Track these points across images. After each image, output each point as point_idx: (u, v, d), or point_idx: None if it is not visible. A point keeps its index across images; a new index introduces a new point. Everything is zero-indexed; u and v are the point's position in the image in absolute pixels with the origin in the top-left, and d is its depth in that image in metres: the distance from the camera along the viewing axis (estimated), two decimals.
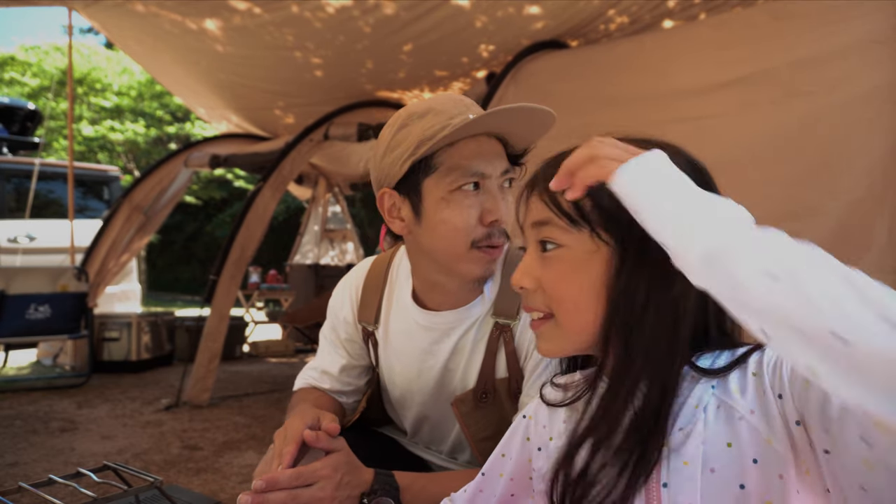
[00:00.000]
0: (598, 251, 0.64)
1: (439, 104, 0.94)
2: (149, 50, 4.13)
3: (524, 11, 2.81)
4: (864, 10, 1.86)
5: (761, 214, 2.03)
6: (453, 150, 0.91)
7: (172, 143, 11.87)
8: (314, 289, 6.13)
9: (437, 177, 0.91)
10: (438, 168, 0.91)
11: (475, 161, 0.91)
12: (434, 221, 0.93)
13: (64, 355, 4.53)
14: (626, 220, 0.59)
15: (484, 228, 0.92)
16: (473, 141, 0.92)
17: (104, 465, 1.22)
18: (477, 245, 0.92)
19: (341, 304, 1.15)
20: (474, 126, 0.89)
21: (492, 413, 1.00)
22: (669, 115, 2.15)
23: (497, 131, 0.94)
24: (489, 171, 0.92)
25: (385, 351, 1.11)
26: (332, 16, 3.10)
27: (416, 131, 0.92)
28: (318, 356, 1.18)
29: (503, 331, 0.99)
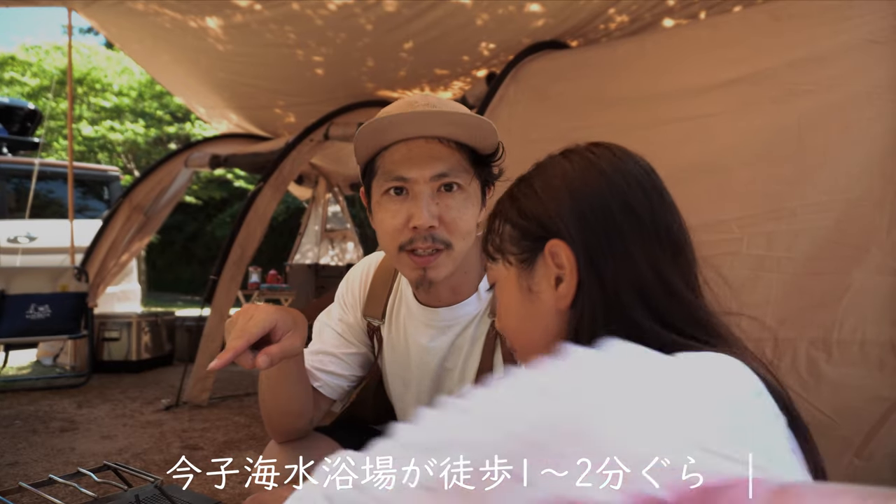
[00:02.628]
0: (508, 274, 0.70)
1: (391, 107, 0.96)
2: (149, 49, 4.13)
3: (525, 9, 2.81)
4: (864, 10, 1.86)
5: (760, 213, 2.04)
6: (386, 153, 0.93)
7: (172, 143, 11.87)
8: (314, 289, 6.14)
9: (376, 180, 0.95)
10: (376, 172, 0.94)
11: (399, 166, 0.91)
12: (374, 223, 0.97)
13: (64, 355, 4.53)
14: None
15: (409, 232, 0.92)
16: (405, 145, 0.92)
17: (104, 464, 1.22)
18: (404, 249, 0.93)
19: (350, 294, 1.15)
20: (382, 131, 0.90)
21: None
22: (669, 114, 2.15)
23: (414, 135, 0.92)
24: (413, 176, 0.91)
25: (388, 347, 1.11)
26: (333, 13, 3.10)
27: (359, 131, 0.94)
28: (311, 344, 1.16)
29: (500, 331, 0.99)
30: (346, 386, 1.14)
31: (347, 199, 6.46)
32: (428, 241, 0.92)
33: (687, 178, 2.06)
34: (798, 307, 1.75)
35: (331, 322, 1.14)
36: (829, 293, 1.72)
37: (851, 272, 1.70)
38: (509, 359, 0.99)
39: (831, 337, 1.68)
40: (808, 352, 1.70)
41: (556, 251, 0.65)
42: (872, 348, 1.63)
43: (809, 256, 1.77)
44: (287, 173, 3.87)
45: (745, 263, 1.85)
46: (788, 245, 1.80)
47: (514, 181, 0.74)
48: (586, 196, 0.66)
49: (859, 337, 1.65)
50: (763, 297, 1.80)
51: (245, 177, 11.63)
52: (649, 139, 2.18)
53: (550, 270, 0.66)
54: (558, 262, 0.65)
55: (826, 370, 1.67)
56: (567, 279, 0.64)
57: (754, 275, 1.83)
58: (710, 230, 1.94)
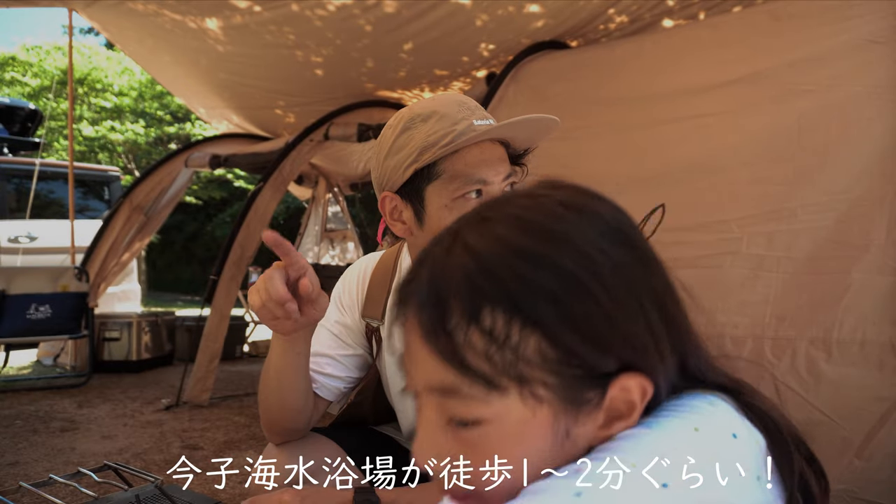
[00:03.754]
0: (534, 416, 0.46)
1: (443, 107, 0.94)
2: (149, 50, 4.13)
3: (524, 10, 2.81)
4: (864, 10, 1.86)
5: (760, 213, 2.04)
6: (456, 157, 0.92)
7: (173, 143, 11.87)
8: None
9: (440, 184, 0.92)
10: (441, 175, 0.92)
11: (478, 169, 0.92)
12: (437, 228, 0.93)
13: (64, 355, 4.54)
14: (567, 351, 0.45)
15: None
16: (476, 147, 0.93)
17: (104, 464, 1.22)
18: None
19: (347, 296, 1.13)
20: (479, 136, 0.90)
21: None
22: (669, 114, 2.15)
23: (500, 137, 0.95)
24: (491, 178, 0.93)
25: (387, 347, 1.10)
26: (332, 14, 3.10)
27: (418, 136, 0.92)
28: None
29: None
30: (343, 388, 1.13)
31: (348, 199, 6.46)
32: None
33: (687, 177, 2.06)
34: (798, 307, 1.75)
35: (327, 324, 1.13)
36: (829, 293, 1.71)
37: (851, 272, 1.70)
38: None
39: (831, 337, 1.68)
40: (808, 351, 1.70)
41: (630, 386, 0.47)
42: (872, 348, 1.63)
43: (809, 256, 1.77)
44: (287, 173, 3.87)
45: (744, 263, 1.85)
46: (788, 245, 1.80)
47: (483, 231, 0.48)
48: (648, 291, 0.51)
49: (859, 337, 1.65)
50: (763, 297, 1.80)
51: (245, 177, 11.63)
52: (649, 139, 2.18)
53: (612, 405, 0.48)
54: (629, 399, 0.48)
55: (826, 370, 1.67)
56: (632, 416, 0.48)
57: (754, 274, 1.83)
58: (710, 230, 1.94)
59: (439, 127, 0.91)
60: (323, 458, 1.10)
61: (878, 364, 1.60)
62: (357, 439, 1.17)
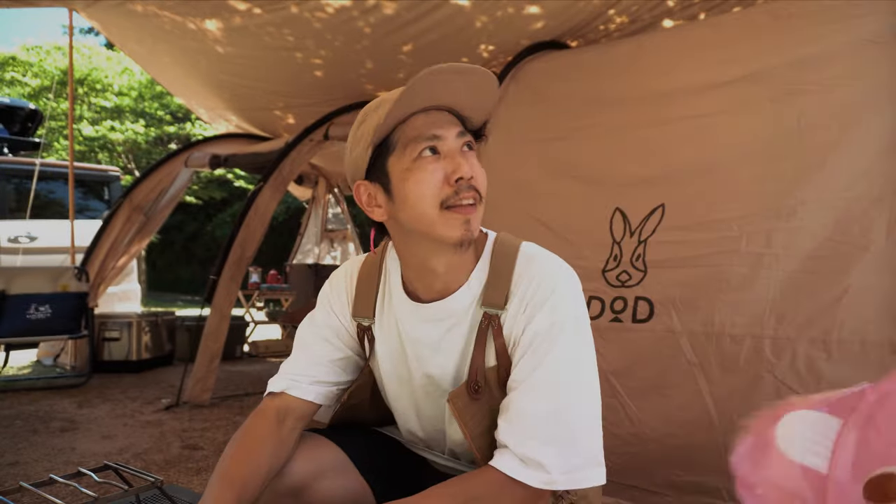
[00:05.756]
0: None
1: (389, 94, 0.99)
2: (149, 50, 4.13)
3: (524, 11, 2.81)
4: (864, 10, 1.87)
5: (760, 212, 2.05)
6: (406, 125, 0.95)
7: (172, 143, 11.88)
8: (314, 289, 6.13)
9: (398, 153, 0.95)
10: (397, 144, 0.95)
11: (428, 128, 0.95)
12: (404, 193, 0.95)
13: (64, 355, 4.54)
14: None
15: (450, 188, 0.94)
16: (423, 114, 0.96)
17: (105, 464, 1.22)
18: (447, 205, 0.94)
19: (336, 297, 1.13)
20: (414, 94, 0.93)
21: (485, 405, 0.99)
22: (669, 114, 2.16)
23: (442, 102, 0.97)
24: (443, 134, 0.95)
25: (380, 345, 1.10)
26: (331, 16, 3.10)
27: (371, 122, 0.97)
28: (293, 354, 1.13)
29: (492, 321, 0.99)
30: (334, 391, 1.13)
31: (348, 199, 6.46)
32: (471, 191, 0.95)
33: (686, 177, 2.06)
34: (797, 306, 1.75)
35: (316, 328, 1.13)
36: (829, 292, 1.72)
37: (851, 271, 1.70)
38: (501, 349, 0.99)
39: (831, 336, 1.68)
40: (808, 351, 1.71)
41: None
42: (872, 348, 1.63)
43: (809, 255, 1.77)
44: (287, 173, 3.87)
45: (744, 262, 1.86)
46: (788, 244, 1.80)
47: None
48: None
49: (859, 336, 1.65)
50: (762, 296, 1.80)
51: (245, 177, 11.64)
52: (649, 139, 2.19)
53: None
54: None
55: (825, 369, 1.67)
56: None
57: (753, 273, 1.84)
58: (710, 228, 1.94)
59: (386, 107, 0.95)
60: (327, 463, 1.11)
61: (878, 364, 1.60)
62: (360, 443, 1.17)
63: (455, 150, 0.96)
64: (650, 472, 1.89)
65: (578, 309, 0.97)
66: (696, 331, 1.89)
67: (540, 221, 2.24)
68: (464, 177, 0.94)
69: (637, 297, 2.02)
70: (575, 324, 0.95)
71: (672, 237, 2.02)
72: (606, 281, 2.09)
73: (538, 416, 0.89)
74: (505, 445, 0.90)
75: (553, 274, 0.98)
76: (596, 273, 2.11)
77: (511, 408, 0.92)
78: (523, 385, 0.92)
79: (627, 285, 2.05)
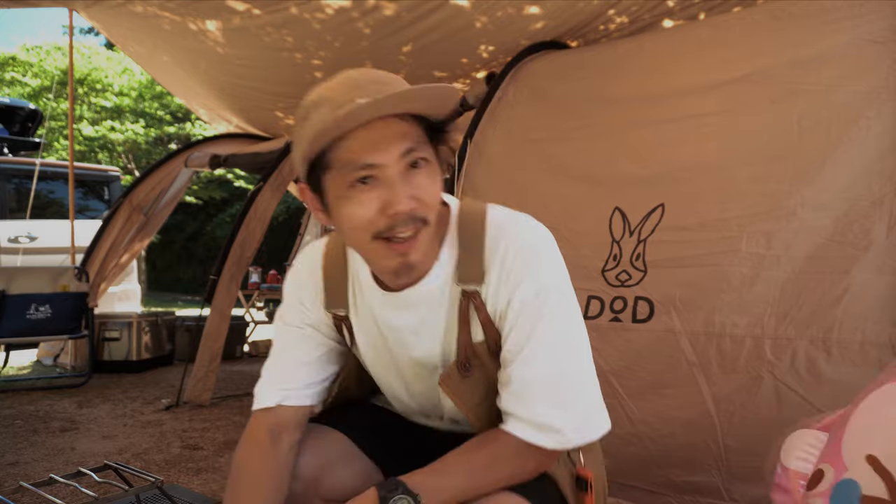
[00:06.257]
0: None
1: (332, 91, 0.88)
2: (149, 51, 4.13)
3: (524, 12, 2.81)
4: (864, 10, 1.87)
5: (760, 212, 2.05)
6: (342, 144, 0.85)
7: (172, 143, 11.88)
8: None
9: (332, 174, 0.87)
10: (332, 165, 0.87)
11: (363, 154, 0.84)
12: (338, 220, 0.90)
13: (64, 355, 4.54)
14: None
15: (386, 219, 0.86)
16: (362, 130, 0.84)
17: (105, 464, 1.22)
18: (381, 237, 0.87)
19: (305, 293, 1.08)
20: (350, 119, 0.82)
21: (478, 379, 0.98)
22: (669, 114, 2.15)
23: (392, 111, 0.86)
24: (382, 160, 0.85)
25: (359, 333, 1.07)
26: (331, 17, 3.10)
27: (309, 127, 0.87)
28: (275, 359, 1.09)
29: (472, 297, 0.95)
30: (326, 385, 1.10)
31: None
32: (409, 225, 0.87)
33: (687, 177, 2.06)
34: (798, 306, 1.75)
35: (292, 329, 1.08)
36: (829, 292, 1.72)
37: (851, 271, 1.70)
38: (488, 324, 0.96)
39: (831, 336, 1.68)
40: (808, 351, 1.70)
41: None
42: (872, 348, 1.63)
43: (809, 255, 1.77)
44: (287, 173, 3.87)
45: (744, 262, 1.86)
46: (788, 244, 1.80)
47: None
48: None
49: (859, 337, 1.65)
50: (762, 296, 1.80)
51: (245, 177, 11.64)
52: (649, 139, 2.18)
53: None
54: None
55: (826, 370, 1.67)
56: None
57: (754, 273, 1.83)
58: (710, 229, 1.94)
59: (324, 114, 0.85)
60: (334, 453, 1.10)
61: (878, 364, 1.60)
62: (361, 424, 1.16)
63: (395, 176, 0.85)
64: (650, 472, 1.89)
65: (559, 269, 0.95)
66: (696, 331, 1.89)
67: (539, 221, 2.24)
68: (401, 212, 0.85)
69: (637, 296, 2.01)
70: (559, 285, 0.94)
71: (672, 237, 2.02)
72: (606, 280, 2.09)
73: (542, 384, 0.91)
74: (514, 415, 0.92)
75: (529, 239, 0.95)
76: (596, 273, 2.11)
77: (513, 380, 0.92)
78: (520, 357, 0.92)
79: (627, 285, 2.05)
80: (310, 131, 0.85)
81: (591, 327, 1.00)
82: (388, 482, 0.89)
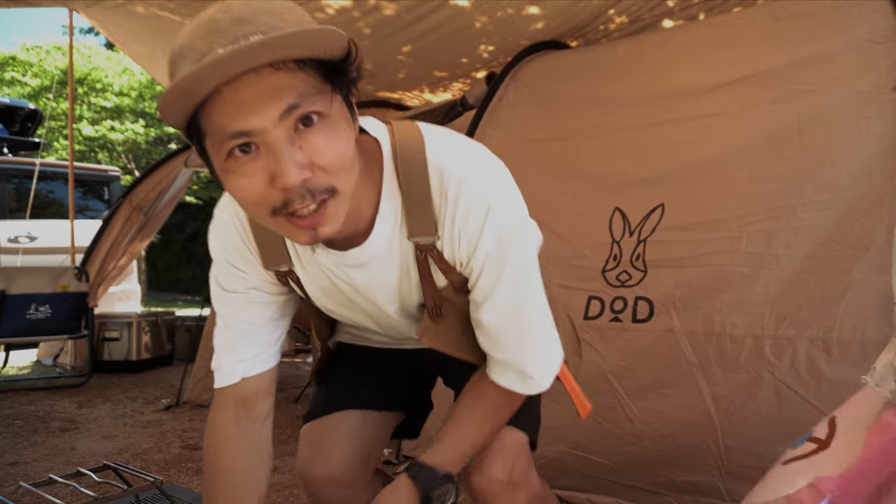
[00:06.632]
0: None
1: (191, 37, 0.71)
2: (149, 51, 4.13)
3: (524, 12, 2.81)
4: (864, 11, 1.86)
5: (760, 212, 2.05)
6: (210, 106, 0.68)
7: (173, 143, 11.88)
8: None
9: (210, 142, 0.72)
10: (206, 131, 0.71)
11: (233, 119, 0.68)
12: (229, 191, 0.76)
13: (64, 355, 4.54)
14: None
15: (279, 194, 0.71)
16: (230, 88, 0.67)
17: (104, 464, 1.22)
18: (280, 213, 0.73)
19: (237, 256, 0.95)
20: (208, 76, 0.65)
21: (452, 318, 0.98)
22: (669, 115, 2.15)
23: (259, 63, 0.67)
24: (256, 125, 0.68)
25: (309, 285, 0.98)
26: (331, 17, 3.10)
27: (174, 87, 0.68)
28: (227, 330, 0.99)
29: (428, 249, 0.88)
30: (283, 337, 1.04)
31: None
32: (307, 198, 0.72)
33: (687, 177, 2.06)
34: (798, 306, 1.75)
35: (235, 296, 0.97)
36: (829, 292, 1.72)
37: (851, 271, 1.70)
38: (450, 269, 0.91)
39: (831, 336, 1.68)
40: (808, 351, 1.71)
41: None
42: (872, 348, 1.63)
43: (809, 255, 1.77)
44: None
45: (744, 262, 1.86)
46: (788, 244, 1.80)
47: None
48: None
49: (859, 336, 1.65)
50: (762, 296, 1.80)
51: None
52: (649, 139, 2.18)
53: None
54: None
55: (826, 370, 1.67)
56: None
57: (754, 273, 1.83)
58: (710, 229, 1.94)
59: (185, 70, 0.68)
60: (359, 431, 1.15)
61: None
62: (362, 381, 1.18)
63: (278, 142, 0.69)
64: (650, 472, 1.89)
65: (516, 206, 0.89)
66: (696, 331, 1.89)
67: (539, 221, 2.21)
68: (290, 186, 0.70)
69: (637, 296, 2.01)
70: (517, 224, 0.89)
71: (672, 237, 2.02)
72: (606, 281, 2.09)
73: (511, 328, 0.93)
74: (494, 358, 0.96)
75: (479, 187, 0.84)
76: (596, 273, 2.11)
77: (483, 324, 0.94)
78: (488, 303, 0.91)
79: (627, 285, 2.05)
80: (174, 93, 0.67)
81: (591, 327, 1.01)
82: (418, 470, 0.93)
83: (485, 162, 0.88)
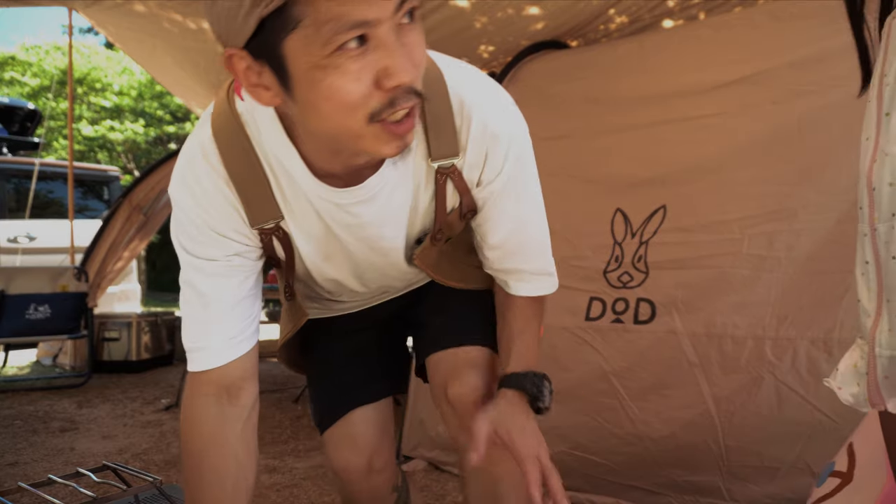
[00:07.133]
0: None
1: None
2: (149, 50, 4.13)
3: (524, 12, 2.81)
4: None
5: (761, 213, 2.05)
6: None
7: (172, 143, 11.88)
8: None
9: (301, 36, 0.63)
10: (302, 22, 0.62)
11: (356, 5, 0.61)
12: (312, 98, 0.67)
13: (64, 355, 4.53)
14: None
15: (384, 94, 0.66)
16: None
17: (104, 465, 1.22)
18: (378, 118, 0.68)
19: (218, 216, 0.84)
20: None
21: (446, 243, 1.00)
22: (669, 115, 2.15)
23: None
24: (376, 15, 0.62)
25: (299, 239, 0.90)
26: None
27: None
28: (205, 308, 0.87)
29: (450, 172, 0.85)
30: (261, 308, 0.99)
31: None
32: (411, 97, 0.68)
33: (688, 178, 2.06)
34: (798, 307, 1.75)
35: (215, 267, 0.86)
36: (830, 293, 1.72)
37: (852, 272, 1.70)
38: (464, 191, 0.90)
39: (832, 337, 1.68)
40: (809, 351, 1.71)
41: None
42: None
43: (810, 256, 1.77)
44: None
45: (745, 264, 1.86)
46: (790, 246, 1.80)
47: None
48: None
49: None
50: (763, 297, 1.80)
51: None
52: (649, 139, 2.18)
53: None
54: None
55: (826, 370, 1.67)
56: None
57: (755, 275, 1.83)
58: (711, 231, 1.94)
59: None
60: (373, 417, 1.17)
61: None
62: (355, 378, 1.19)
63: (390, 36, 0.64)
64: (650, 472, 1.89)
65: (525, 128, 0.96)
66: (697, 332, 1.89)
67: None
68: (405, 82, 0.66)
69: (639, 298, 2.01)
70: (530, 146, 0.97)
71: (674, 238, 2.01)
72: (608, 282, 2.09)
73: (536, 239, 0.99)
74: (526, 271, 1.00)
75: (500, 114, 0.89)
76: (597, 274, 2.11)
77: (510, 243, 0.97)
78: (516, 222, 0.96)
79: (629, 286, 2.05)
80: None
81: (592, 328, 1.02)
82: (515, 379, 0.97)
83: (499, 90, 0.93)
